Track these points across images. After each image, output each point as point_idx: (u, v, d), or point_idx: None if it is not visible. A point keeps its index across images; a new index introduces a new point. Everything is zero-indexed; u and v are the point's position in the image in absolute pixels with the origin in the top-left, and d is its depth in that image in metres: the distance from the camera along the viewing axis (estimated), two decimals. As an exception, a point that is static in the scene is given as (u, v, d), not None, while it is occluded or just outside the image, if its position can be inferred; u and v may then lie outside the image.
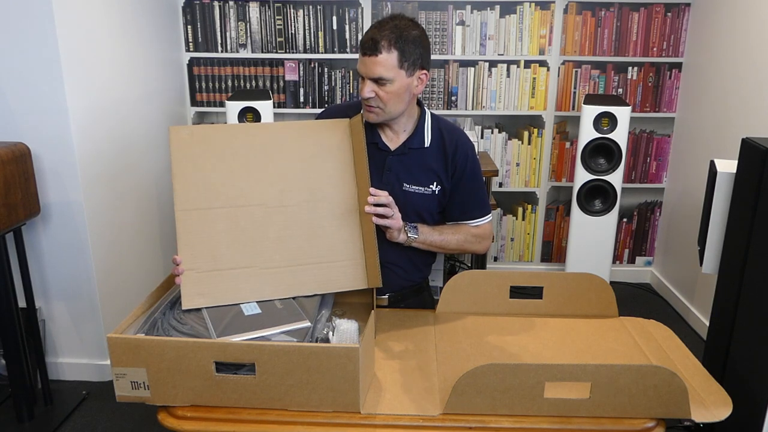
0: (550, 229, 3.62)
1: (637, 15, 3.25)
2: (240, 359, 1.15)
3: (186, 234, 1.39)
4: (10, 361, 2.25)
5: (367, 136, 1.61)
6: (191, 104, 3.40)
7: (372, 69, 1.46)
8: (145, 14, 2.88)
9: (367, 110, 1.53)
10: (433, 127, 1.64)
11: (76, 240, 2.43)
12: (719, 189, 1.81)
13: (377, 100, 1.50)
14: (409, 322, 1.55)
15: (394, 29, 1.46)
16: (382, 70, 1.46)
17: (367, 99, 1.50)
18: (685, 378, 1.30)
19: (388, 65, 1.46)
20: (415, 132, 1.62)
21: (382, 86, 1.48)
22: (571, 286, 1.58)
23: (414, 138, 1.61)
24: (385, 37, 1.45)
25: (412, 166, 1.61)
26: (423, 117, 1.64)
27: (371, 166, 1.52)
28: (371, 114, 1.53)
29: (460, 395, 1.17)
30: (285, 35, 3.31)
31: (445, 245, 1.63)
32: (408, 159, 1.60)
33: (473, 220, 1.68)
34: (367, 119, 1.56)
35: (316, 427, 1.16)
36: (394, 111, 1.54)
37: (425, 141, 1.62)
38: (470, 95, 3.37)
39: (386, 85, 1.48)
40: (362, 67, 1.49)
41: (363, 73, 1.49)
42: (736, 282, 1.71)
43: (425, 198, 1.61)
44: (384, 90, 1.48)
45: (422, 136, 1.62)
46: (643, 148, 3.45)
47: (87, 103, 2.39)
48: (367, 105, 1.52)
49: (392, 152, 1.61)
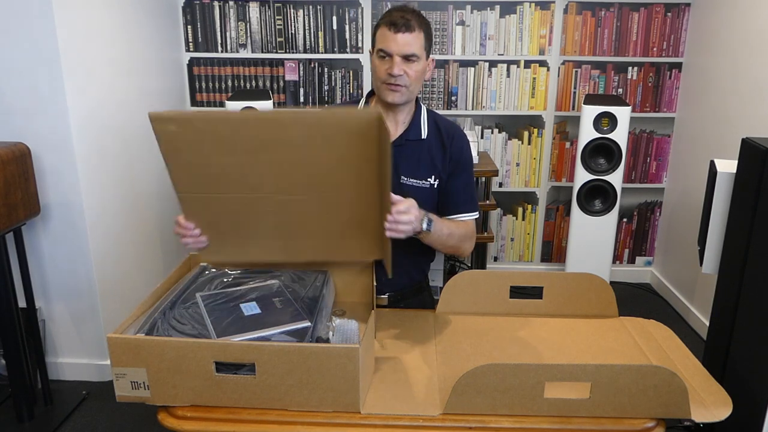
0: (550, 229, 3.62)
1: (637, 15, 3.25)
2: (240, 359, 1.15)
3: (192, 211, 1.37)
4: (10, 361, 2.25)
5: None
6: (191, 104, 3.40)
7: (405, 46, 1.49)
8: (145, 14, 2.88)
9: (391, 89, 1.54)
10: (429, 120, 1.65)
11: (76, 240, 2.43)
12: (719, 189, 1.81)
13: (405, 78, 1.52)
14: (409, 322, 1.55)
15: (414, 12, 1.51)
16: (414, 47, 1.50)
17: (397, 77, 1.51)
18: (685, 378, 1.30)
19: (418, 43, 1.51)
20: (412, 124, 1.63)
21: (411, 64, 1.51)
22: (571, 286, 1.58)
23: (411, 130, 1.62)
24: (414, 17, 1.49)
25: (410, 158, 1.61)
26: (419, 110, 1.65)
27: None
28: (396, 93, 1.54)
29: (460, 395, 1.17)
30: (285, 35, 3.31)
31: (446, 241, 1.57)
32: (406, 151, 1.61)
33: (462, 215, 1.65)
34: (389, 99, 1.56)
35: (316, 427, 1.16)
36: (415, 92, 1.58)
37: (422, 133, 1.63)
38: (470, 95, 3.37)
39: (414, 63, 1.51)
40: (393, 44, 1.49)
41: (394, 50, 1.49)
42: (736, 282, 1.71)
43: (423, 192, 1.61)
44: (412, 68, 1.52)
45: (419, 128, 1.63)
46: (643, 148, 3.45)
47: (87, 103, 2.39)
48: (393, 84, 1.52)
49: (391, 144, 1.61)
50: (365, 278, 1.55)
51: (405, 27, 1.48)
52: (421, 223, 1.43)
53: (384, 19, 1.51)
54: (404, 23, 1.48)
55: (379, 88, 1.56)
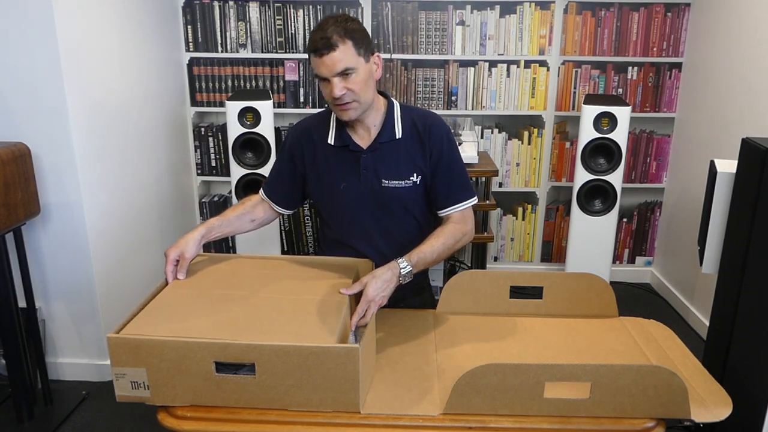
0: (550, 229, 3.61)
1: (637, 15, 3.25)
2: (240, 359, 1.15)
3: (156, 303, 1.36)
4: (10, 361, 2.25)
5: (337, 140, 1.61)
6: (191, 104, 3.40)
7: (334, 65, 1.45)
8: (145, 14, 2.88)
9: (342, 110, 1.52)
10: (404, 117, 1.63)
11: (76, 240, 2.43)
12: (719, 189, 1.81)
13: (351, 94, 1.49)
14: (409, 322, 1.55)
15: (335, 24, 1.46)
16: (345, 61, 1.46)
17: (340, 97, 1.48)
18: (685, 378, 1.30)
19: (348, 56, 1.46)
20: (384, 126, 1.60)
21: (350, 78, 1.48)
22: (571, 286, 1.58)
23: (384, 132, 1.60)
24: (333, 32, 1.45)
25: (387, 160, 1.60)
26: (391, 109, 1.62)
27: (347, 168, 1.52)
28: (349, 111, 1.52)
29: (460, 395, 1.17)
30: (285, 35, 3.31)
31: (438, 257, 1.55)
32: (382, 154, 1.59)
33: (457, 205, 1.62)
34: (344, 118, 1.55)
35: (316, 427, 1.16)
36: (367, 99, 1.54)
37: (396, 133, 1.61)
38: (470, 95, 3.37)
39: (352, 76, 1.48)
40: (323, 68, 1.46)
41: (326, 73, 1.47)
42: (736, 282, 1.71)
43: (408, 191, 1.60)
44: (352, 82, 1.48)
45: (392, 129, 1.61)
46: (643, 148, 3.45)
47: (87, 103, 2.39)
48: (341, 104, 1.50)
49: (364, 150, 1.60)
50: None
51: (326, 47, 1.44)
52: (399, 280, 1.44)
53: (309, 46, 1.48)
54: (324, 44, 1.44)
55: (334, 110, 1.56)
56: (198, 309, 1.32)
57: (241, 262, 1.57)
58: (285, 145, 1.70)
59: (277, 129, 3.22)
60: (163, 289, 1.42)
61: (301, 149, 1.66)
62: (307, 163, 1.66)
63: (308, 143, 1.65)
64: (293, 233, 3.52)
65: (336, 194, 1.63)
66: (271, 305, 1.33)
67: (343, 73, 1.46)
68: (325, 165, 1.64)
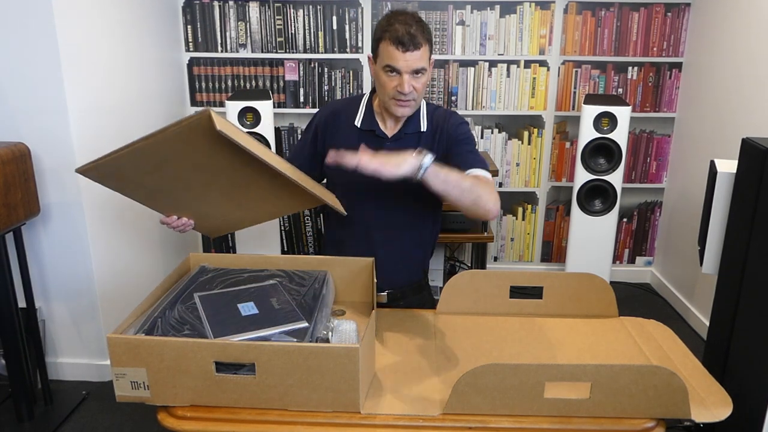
0: (550, 229, 3.61)
1: (637, 15, 3.25)
2: (240, 359, 1.15)
3: (164, 211, 1.55)
4: (10, 361, 2.25)
5: (365, 123, 1.63)
6: (191, 104, 3.40)
7: (415, 63, 1.48)
8: (144, 14, 2.88)
9: (400, 105, 1.54)
10: (429, 113, 1.66)
11: (76, 240, 2.43)
12: (719, 189, 1.81)
13: (414, 93, 1.52)
14: (409, 322, 1.55)
15: (418, 24, 1.49)
16: (422, 61, 1.49)
17: (407, 93, 1.50)
18: (685, 378, 1.30)
19: (425, 57, 1.50)
20: (411, 118, 1.62)
21: (419, 78, 1.51)
22: (571, 286, 1.58)
23: (410, 124, 1.62)
24: (419, 30, 1.47)
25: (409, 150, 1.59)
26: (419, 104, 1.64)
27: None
28: (406, 108, 1.55)
29: (460, 395, 1.17)
30: (285, 35, 3.31)
31: (462, 190, 1.40)
32: (404, 144, 1.59)
33: (475, 170, 1.54)
34: (398, 114, 1.56)
35: (316, 427, 1.16)
36: (421, 99, 1.59)
37: (421, 126, 1.63)
38: (470, 95, 3.37)
39: (422, 76, 1.52)
40: (402, 63, 1.47)
41: (403, 68, 1.48)
42: (736, 282, 1.71)
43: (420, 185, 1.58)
44: (420, 81, 1.52)
45: (417, 122, 1.63)
46: (643, 148, 3.45)
47: (87, 103, 2.39)
48: (403, 100, 1.52)
49: (389, 139, 1.62)
50: (365, 277, 1.55)
51: (414, 45, 1.46)
52: (414, 163, 1.32)
53: (389, 34, 1.47)
54: (411, 41, 1.45)
55: (387, 102, 1.56)
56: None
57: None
58: (312, 123, 1.72)
59: (277, 129, 3.22)
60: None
61: (325, 126, 1.68)
62: (328, 142, 1.66)
63: (334, 123, 1.67)
64: (293, 233, 3.53)
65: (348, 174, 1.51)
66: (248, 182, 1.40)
67: (415, 72, 1.49)
68: (346, 145, 1.61)
